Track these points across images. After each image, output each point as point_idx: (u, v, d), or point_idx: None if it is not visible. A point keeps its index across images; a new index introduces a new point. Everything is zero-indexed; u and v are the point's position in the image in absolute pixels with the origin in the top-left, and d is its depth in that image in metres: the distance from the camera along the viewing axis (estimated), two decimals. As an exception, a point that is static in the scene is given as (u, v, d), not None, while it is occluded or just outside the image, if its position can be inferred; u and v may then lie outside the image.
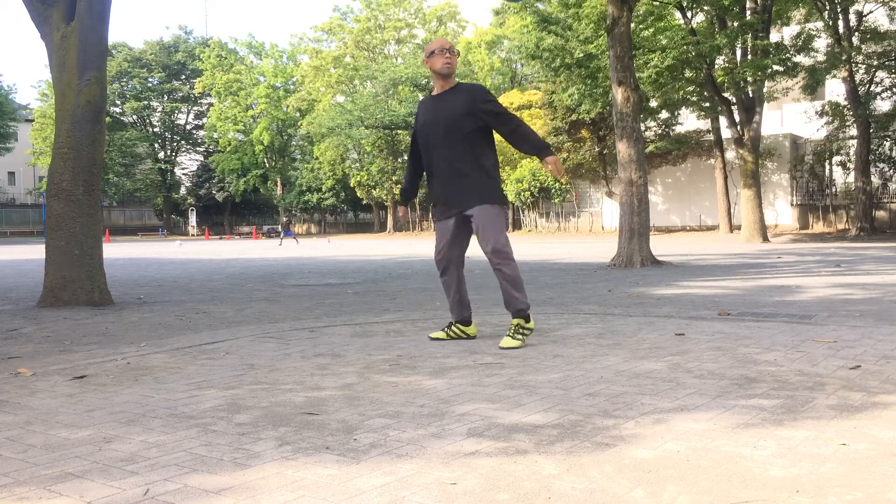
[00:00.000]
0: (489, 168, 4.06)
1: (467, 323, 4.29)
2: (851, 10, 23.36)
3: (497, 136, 4.16)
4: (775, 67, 21.54)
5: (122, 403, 2.83)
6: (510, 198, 38.02)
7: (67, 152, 6.68)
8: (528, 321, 4.02)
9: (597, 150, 32.70)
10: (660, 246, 18.60)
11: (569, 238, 32.16)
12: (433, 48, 4.09)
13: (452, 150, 4.02)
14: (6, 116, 49.33)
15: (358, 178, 46.62)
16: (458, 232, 4.16)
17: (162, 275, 11.36)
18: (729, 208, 27.92)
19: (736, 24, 21.17)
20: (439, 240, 4.20)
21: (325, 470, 1.99)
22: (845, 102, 24.71)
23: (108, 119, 33.40)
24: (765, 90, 23.39)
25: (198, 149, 64.52)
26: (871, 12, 23.69)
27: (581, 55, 21.55)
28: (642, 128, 24.22)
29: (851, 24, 23.39)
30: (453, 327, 4.29)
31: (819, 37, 23.12)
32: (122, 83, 57.99)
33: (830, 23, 23.08)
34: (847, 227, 27.41)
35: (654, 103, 25.61)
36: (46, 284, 6.66)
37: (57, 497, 1.83)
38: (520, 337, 3.99)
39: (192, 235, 55.36)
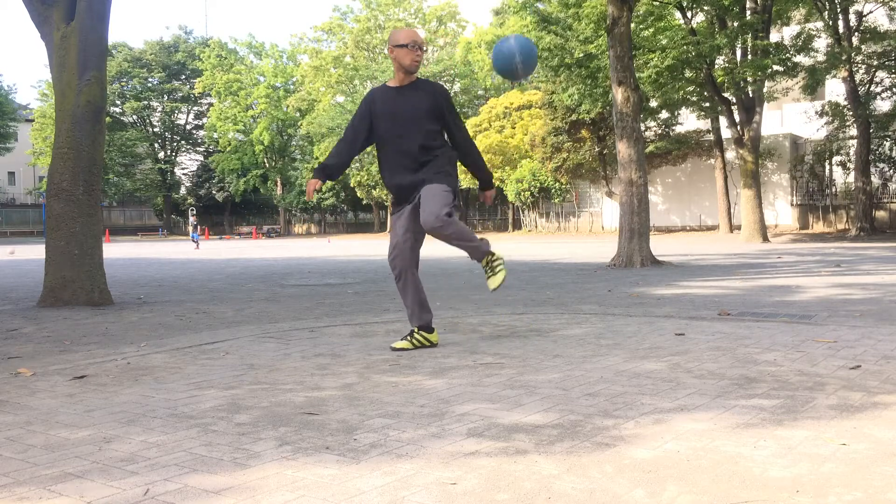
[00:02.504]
0: (446, 162, 3.97)
1: (430, 329, 4.05)
2: (851, 10, 23.36)
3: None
4: (775, 67, 21.54)
5: (122, 403, 2.83)
6: (510, 198, 38.01)
7: (67, 152, 6.68)
8: (493, 256, 4.05)
9: (597, 150, 32.70)
10: (660, 246, 18.61)
11: (569, 238, 32.16)
12: (404, 41, 3.91)
13: (412, 145, 3.90)
14: (6, 116, 49.32)
15: (358, 178, 46.62)
16: (414, 226, 3.96)
17: (162, 275, 11.36)
18: (729, 208, 27.92)
19: (736, 24, 21.17)
20: (394, 236, 3.99)
21: (325, 470, 1.99)
22: (845, 102, 24.70)
23: (108, 119, 33.30)
24: (765, 90, 23.40)
25: (198, 149, 64.54)
26: (871, 12, 23.69)
27: (581, 55, 21.55)
28: (642, 128, 24.21)
29: (851, 24, 23.39)
30: (416, 335, 4.01)
31: (819, 37, 23.12)
32: (122, 83, 58.00)
33: (830, 23, 23.08)
34: (847, 227, 27.41)
35: (654, 103, 25.61)
36: (46, 284, 6.66)
37: (57, 497, 1.83)
38: (499, 268, 4.01)
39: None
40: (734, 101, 23.00)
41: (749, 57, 22.40)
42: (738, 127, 22.93)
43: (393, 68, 4.03)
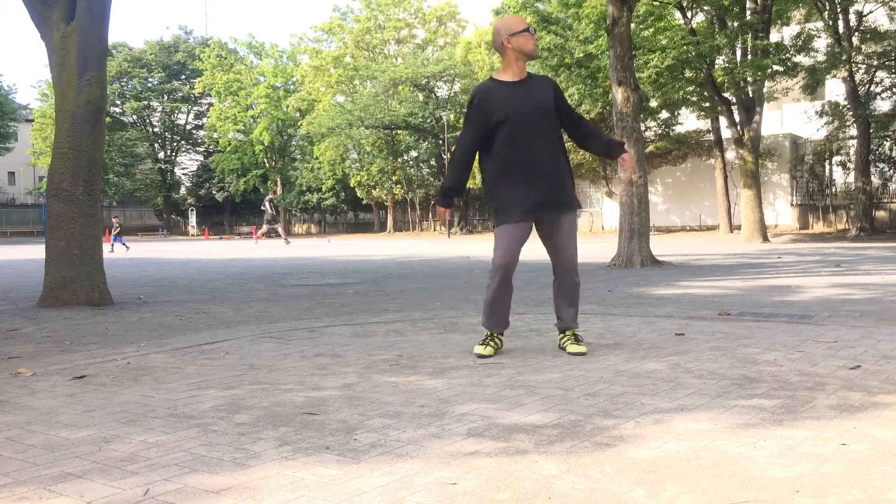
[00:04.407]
0: (571, 177, 3.73)
1: (502, 333, 3.87)
2: (851, 10, 23.35)
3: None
4: (775, 67, 21.54)
5: (122, 403, 2.83)
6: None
7: (67, 152, 6.68)
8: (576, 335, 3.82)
9: (597, 150, 32.64)
10: (660, 246, 18.60)
11: (569, 238, 32.10)
12: (522, 26, 3.54)
13: (552, 143, 3.58)
14: (6, 116, 49.30)
15: (358, 178, 46.61)
16: (527, 234, 3.72)
17: (162, 275, 11.36)
18: (729, 208, 27.92)
19: (736, 24, 21.17)
20: (510, 243, 3.64)
21: (325, 470, 1.99)
22: (845, 102, 24.70)
23: (108, 119, 33.21)
24: (765, 90, 23.39)
25: (198, 149, 64.52)
26: (871, 12, 23.69)
27: (581, 55, 21.55)
28: (642, 128, 24.21)
29: (851, 24, 23.39)
30: (497, 338, 3.79)
31: (819, 37, 23.11)
32: (122, 83, 57.97)
33: (830, 23, 23.08)
34: (847, 227, 27.41)
35: (654, 103, 25.60)
36: (46, 284, 6.66)
37: (57, 497, 1.83)
38: (583, 344, 3.77)
39: (192, 235, 55.35)
40: (734, 101, 23.00)
41: (749, 57, 22.40)
42: (738, 127, 22.92)
43: (505, 62, 3.60)
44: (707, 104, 25.12)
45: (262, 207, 28.16)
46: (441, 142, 42.06)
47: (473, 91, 3.64)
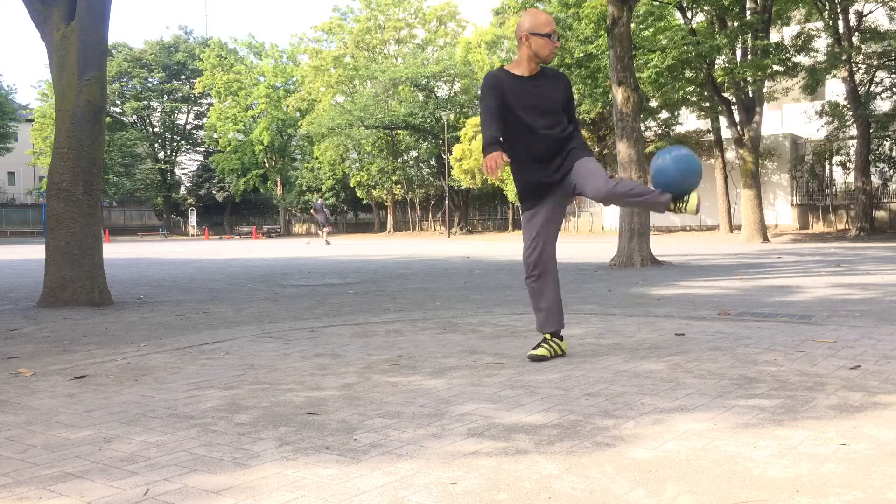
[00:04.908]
0: (582, 139, 3.67)
1: (560, 337, 3.71)
2: (851, 10, 23.35)
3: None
4: (775, 67, 21.55)
5: (122, 403, 2.83)
6: (510, 197, 38.01)
7: (67, 152, 6.68)
8: (678, 201, 3.46)
9: (597, 150, 32.70)
10: (660, 246, 18.60)
11: (569, 238, 32.14)
12: (547, 30, 3.50)
13: (552, 141, 3.55)
14: (6, 116, 49.30)
15: (358, 178, 46.58)
16: (555, 217, 3.62)
17: (162, 275, 11.36)
18: (729, 208, 27.93)
19: (736, 24, 21.18)
20: (531, 233, 3.60)
21: (325, 470, 1.99)
22: (845, 102, 24.70)
23: (108, 119, 33.19)
24: (765, 90, 23.40)
25: (198, 149, 64.52)
26: (871, 12, 23.69)
27: (581, 55, 21.55)
28: (642, 128, 24.21)
29: (851, 24, 23.39)
30: (552, 341, 3.65)
31: (819, 37, 23.12)
32: (122, 83, 57.96)
33: (830, 23, 23.08)
34: (847, 227, 27.40)
35: (654, 103, 25.60)
36: (46, 284, 6.66)
37: (57, 497, 1.83)
38: (687, 198, 3.43)
39: (192, 235, 55.34)
40: (734, 101, 23.01)
41: (749, 57, 22.41)
42: (738, 127, 22.93)
43: (519, 54, 3.56)
44: (707, 104, 25.13)
45: (318, 210, 30.63)
46: (441, 142, 42.05)
47: (486, 76, 3.57)
